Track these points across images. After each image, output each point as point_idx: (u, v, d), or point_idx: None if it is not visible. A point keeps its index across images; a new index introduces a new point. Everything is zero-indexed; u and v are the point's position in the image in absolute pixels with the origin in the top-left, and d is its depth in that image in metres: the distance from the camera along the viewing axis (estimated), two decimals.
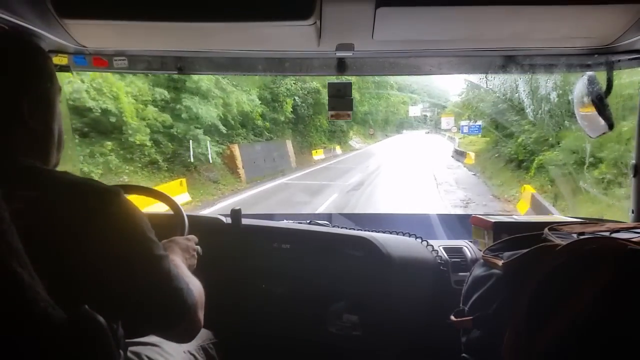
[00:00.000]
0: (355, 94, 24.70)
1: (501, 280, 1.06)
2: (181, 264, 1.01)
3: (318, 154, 22.60)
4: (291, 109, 19.65)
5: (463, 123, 25.25)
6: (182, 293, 0.82)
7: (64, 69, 1.54)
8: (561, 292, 0.92)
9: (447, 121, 31.56)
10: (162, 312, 0.80)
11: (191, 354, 1.19)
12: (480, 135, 24.55)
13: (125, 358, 0.86)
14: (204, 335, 1.30)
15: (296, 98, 19.95)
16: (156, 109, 12.58)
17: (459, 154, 22.28)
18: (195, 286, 0.89)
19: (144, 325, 0.84)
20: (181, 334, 0.88)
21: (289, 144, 19.93)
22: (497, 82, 1.75)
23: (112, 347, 0.75)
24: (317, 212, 9.76)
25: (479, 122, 23.61)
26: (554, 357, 0.92)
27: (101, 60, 1.58)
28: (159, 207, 1.61)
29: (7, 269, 0.63)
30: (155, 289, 0.79)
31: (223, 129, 14.65)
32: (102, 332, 0.72)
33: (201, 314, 0.87)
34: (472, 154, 19.79)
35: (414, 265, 1.66)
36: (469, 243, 1.73)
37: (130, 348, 1.01)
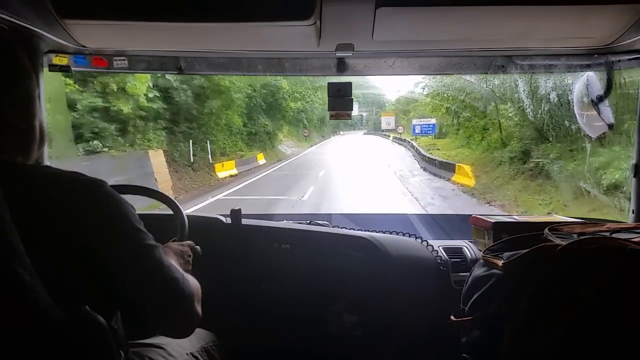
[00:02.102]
0: (284, 84, 20.51)
1: (501, 280, 1.06)
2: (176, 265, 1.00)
3: (226, 169, 14.48)
4: (155, 94, 11.02)
5: (415, 122, 21.77)
6: (178, 282, 0.81)
7: (64, 69, 1.54)
8: (561, 292, 0.92)
9: (387, 121, 28.78)
10: (158, 302, 0.80)
11: (194, 356, 1.18)
12: (434, 136, 21.03)
13: (127, 359, 0.85)
14: (206, 337, 1.30)
15: (166, 75, 10.54)
16: None
17: (438, 166, 14.46)
18: (191, 280, 0.88)
19: (142, 318, 0.84)
20: (180, 327, 0.87)
21: (158, 158, 11.39)
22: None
23: (112, 347, 0.75)
24: None
25: (433, 121, 20.22)
26: (554, 357, 0.92)
27: (101, 60, 1.58)
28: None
29: (8, 270, 0.63)
30: (149, 278, 0.78)
31: None
32: (102, 332, 0.72)
33: (199, 308, 0.87)
34: (467, 168, 12.37)
35: (414, 265, 1.66)
36: (469, 243, 1.73)
37: (133, 349, 1.01)
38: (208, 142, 14.28)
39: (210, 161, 14.21)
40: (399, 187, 12.59)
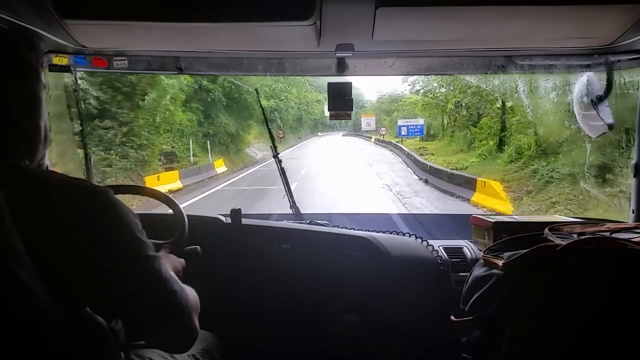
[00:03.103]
0: (251, 78, 17.77)
1: (501, 280, 1.06)
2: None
3: (165, 183, 11.11)
4: None
5: (401, 123, 20.25)
6: (176, 295, 0.80)
7: (64, 69, 1.54)
8: (561, 292, 0.92)
9: (367, 121, 27.83)
10: (155, 313, 0.79)
11: (195, 357, 1.18)
12: (421, 139, 19.88)
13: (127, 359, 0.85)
14: (207, 338, 1.29)
15: None
16: None
17: (449, 180, 10.68)
18: (190, 293, 0.87)
19: (139, 327, 0.83)
20: (178, 341, 0.86)
21: None
22: None
23: (112, 348, 0.75)
24: None
25: (421, 121, 19.14)
26: (554, 356, 0.92)
27: (101, 61, 1.58)
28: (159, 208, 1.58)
29: (8, 271, 0.63)
30: (147, 289, 0.78)
31: None
32: (102, 333, 0.72)
33: (197, 321, 0.86)
34: (496, 185, 8.65)
35: (414, 265, 1.66)
36: (469, 243, 1.73)
37: (134, 351, 1.01)
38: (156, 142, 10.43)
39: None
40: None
